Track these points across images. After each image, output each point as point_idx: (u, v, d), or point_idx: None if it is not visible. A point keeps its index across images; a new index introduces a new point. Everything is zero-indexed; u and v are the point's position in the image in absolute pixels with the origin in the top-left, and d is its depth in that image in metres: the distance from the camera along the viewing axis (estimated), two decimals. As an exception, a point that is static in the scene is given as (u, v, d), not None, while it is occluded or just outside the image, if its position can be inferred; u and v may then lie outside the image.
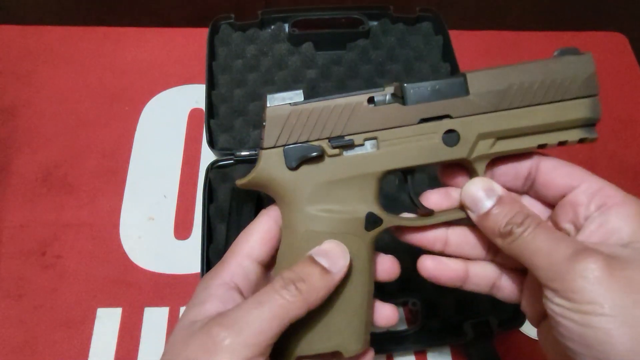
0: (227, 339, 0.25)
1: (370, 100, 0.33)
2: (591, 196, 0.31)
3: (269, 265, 0.35)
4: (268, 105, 0.33)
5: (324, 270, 0.29)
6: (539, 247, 0.28)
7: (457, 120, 0.33)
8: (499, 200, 0.31)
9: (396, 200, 0.58)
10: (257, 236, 0.33)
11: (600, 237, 0.29)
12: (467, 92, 0.33)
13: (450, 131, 0.33)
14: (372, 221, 0.33)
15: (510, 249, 0.30)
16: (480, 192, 0.31)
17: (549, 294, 0.28)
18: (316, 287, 0.29)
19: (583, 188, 0.31)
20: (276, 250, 0.34)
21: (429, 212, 0.35)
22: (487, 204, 0.31)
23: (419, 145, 0.33)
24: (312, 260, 0.30)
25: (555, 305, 0.27)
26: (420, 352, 0.53)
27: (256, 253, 0.33)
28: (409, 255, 0.40)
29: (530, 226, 0.29)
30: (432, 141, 0.33)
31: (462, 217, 0.34)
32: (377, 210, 0.34)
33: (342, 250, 0.31)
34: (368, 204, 0.33)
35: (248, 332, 0.26)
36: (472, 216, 0.32)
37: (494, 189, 0.31)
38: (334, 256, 0.30)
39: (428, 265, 0.35)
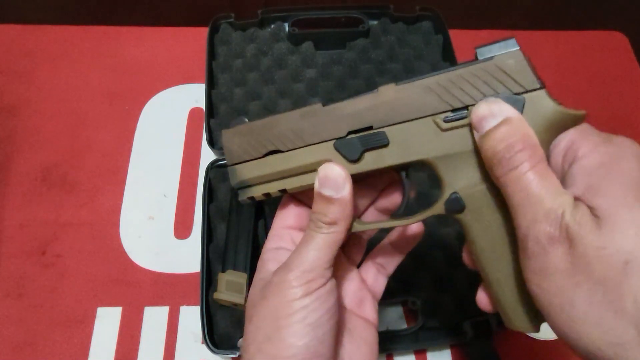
0: (292, 274, 0.30)
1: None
2: (565, 150, 0.28)
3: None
4: None
5: (332, 199, 0.32)
6: (527, 188, 0.25)
7: None
8: (505, 121, 0.27)
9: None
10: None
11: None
12: None
13: None
14: None
15: (506, 181, 0.26)
16: (486, 110, 0.28)
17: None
18: (336, 214, 0.32)
19: (562, 143, 0.28)
20: None
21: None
22: (491, 122, 0.27)
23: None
24: (320, 195, 0.32)
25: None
26: (420, 352, 0.53)
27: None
28: (409, 255, 0.40)
29: (529, 159, 0.26)
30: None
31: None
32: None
33: (336, 173, 0.32)
34: None
35: (307, 265, 0.31)
36: (476, 136, 0.28)
37: (503, 109, 0.28)
38: (332, 182, 0.32)
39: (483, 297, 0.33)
